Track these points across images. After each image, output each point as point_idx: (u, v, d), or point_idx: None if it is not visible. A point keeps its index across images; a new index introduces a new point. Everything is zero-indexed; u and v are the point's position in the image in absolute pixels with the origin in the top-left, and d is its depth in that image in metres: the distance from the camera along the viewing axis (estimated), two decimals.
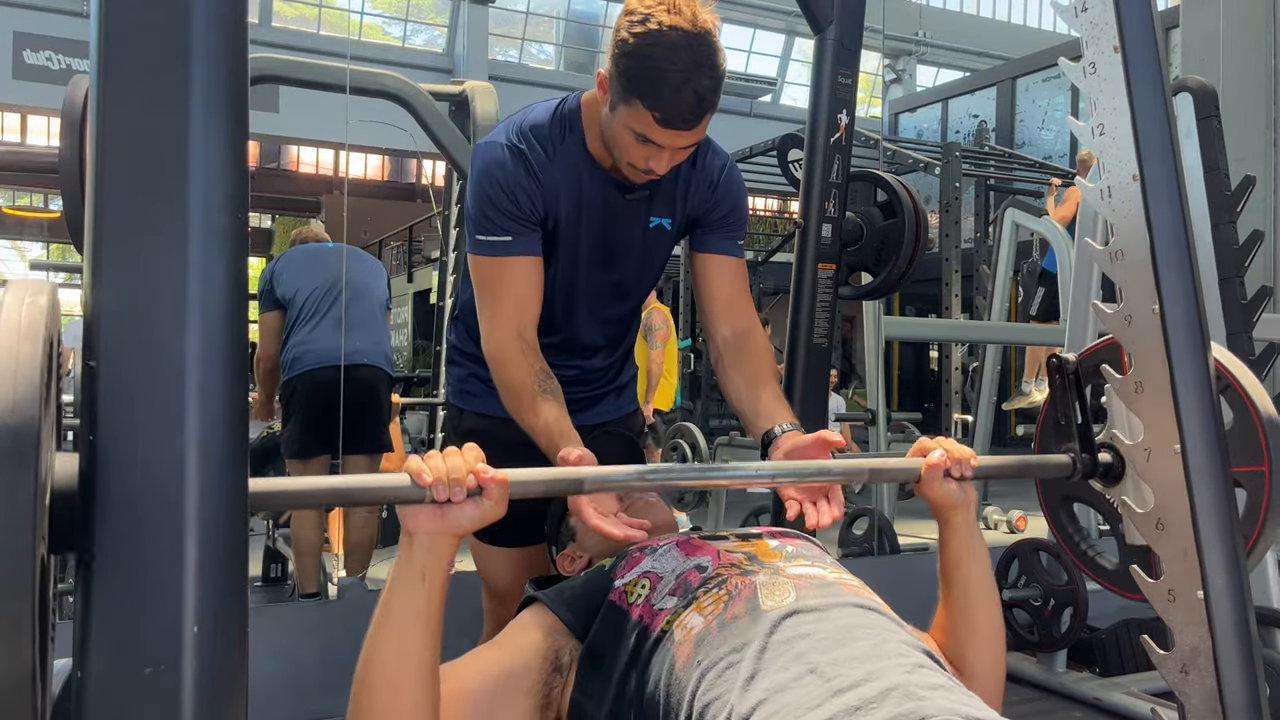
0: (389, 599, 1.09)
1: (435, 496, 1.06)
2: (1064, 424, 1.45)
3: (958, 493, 1.33)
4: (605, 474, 1.21)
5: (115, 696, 0.76)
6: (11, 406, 0.73)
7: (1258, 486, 1.37)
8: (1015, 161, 9.32)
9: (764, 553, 1.26)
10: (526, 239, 1.59)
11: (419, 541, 1.09)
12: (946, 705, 0.98)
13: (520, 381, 1.55)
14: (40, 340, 0.78)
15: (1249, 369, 1.44)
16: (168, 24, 0.81)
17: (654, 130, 1.44)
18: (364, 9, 14.32)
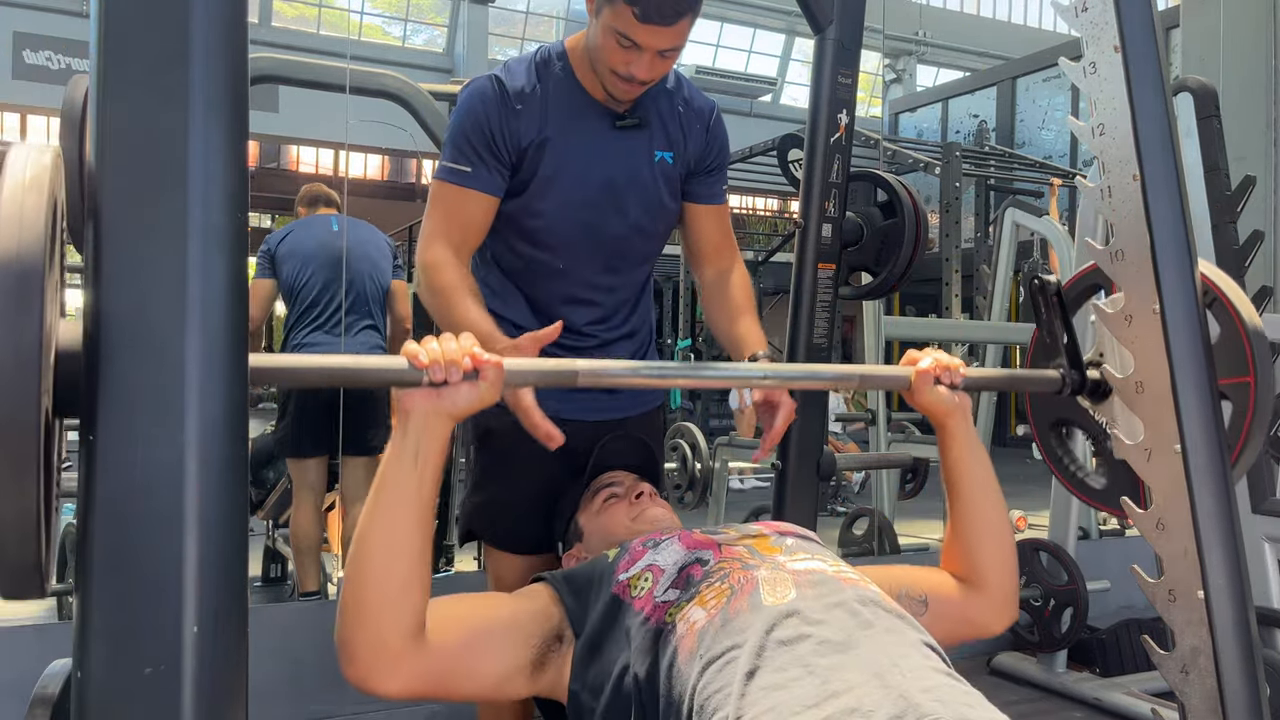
0: (382, 480, 1.11)
1: (432, 378, 1.08)
2: (1051, 343, 1.47)
3: (950, 398, 1.37)
4: (600, 366, 1.23)
5: (115, 696, 0.76)
6: (17, 253, 0.74)
7: (1243, 397, 1.39)
8: (1015, 161, 9.32)
9: (765, 547, 1.27)
10: (487, 176, 1.62)
11: (414, 421, 1.11)
12: (944, 697, 0.98)
13: (451, 281, 1.59)
14: (45, 193, 0.79)
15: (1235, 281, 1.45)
16: (168, 24, 0.81)
17: (634, 28, 1.48)
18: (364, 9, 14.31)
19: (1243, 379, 1.39)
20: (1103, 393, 1.43)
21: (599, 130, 1.65)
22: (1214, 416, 1.28)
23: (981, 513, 1.40)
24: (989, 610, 1.39)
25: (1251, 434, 1.39)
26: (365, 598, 1.09)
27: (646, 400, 1.87)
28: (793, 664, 1.04)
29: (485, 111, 1.60)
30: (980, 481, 1.41)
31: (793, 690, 1.01)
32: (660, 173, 1.71)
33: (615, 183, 1.67)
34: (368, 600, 1.09)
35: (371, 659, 1.09)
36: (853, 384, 1.41)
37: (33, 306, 0.73)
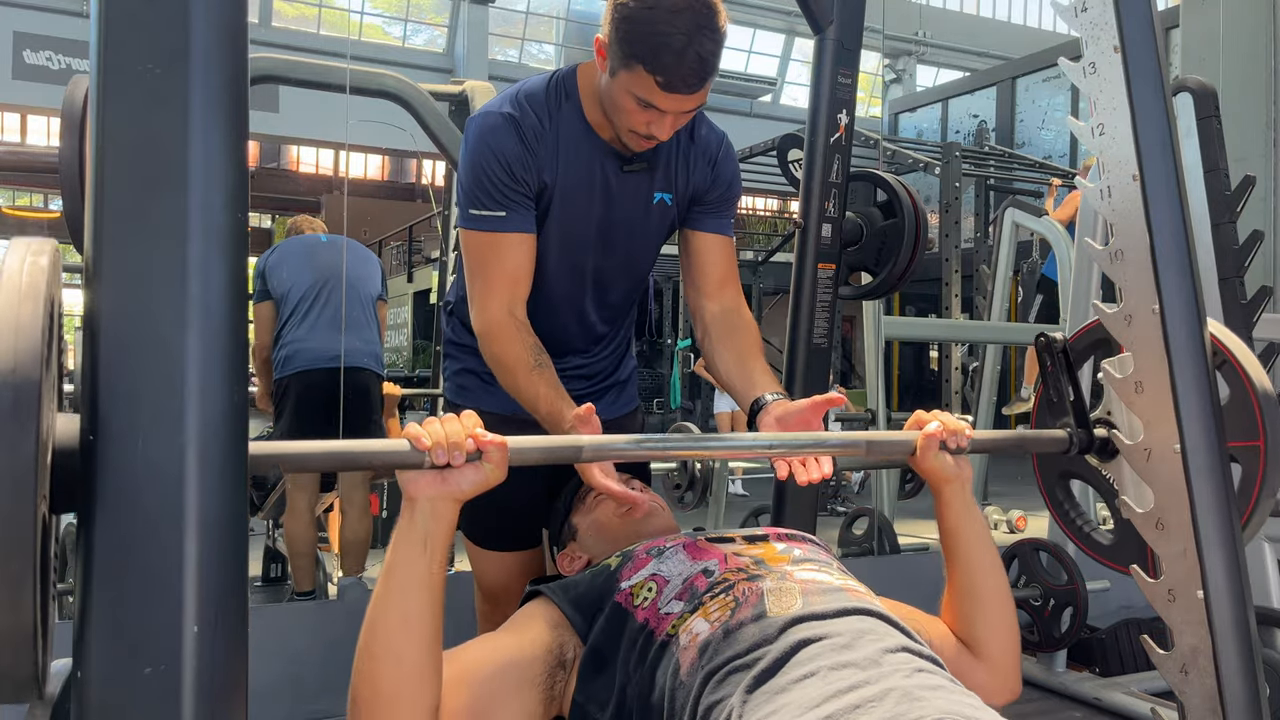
0: (391, 566, 1.09)
1: (435, 460, 1.06)
2: (1057, 401, 1.46)
3: (952, 466, 1.34)
4: (603, 442, 1.22)
5: (115, 696, 0.76)
6: (13, 365, 0.74)
7: (1253, 461, 1.39)
8: (1015, 161, 9.33)
9: (771, 556, 1.26)
10: (521, 215, 1.57)
11: (420, 507, 1.09)
12: (946, 705, 0.98)
13: (514, 355, 1.54)
14: (41, 300, 0.78)
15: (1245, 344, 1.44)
16: (168, 24, 0.81)
17: (656, 95, 1.43)
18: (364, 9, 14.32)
19: (1253, 443, 1.38)
20: (1110, 451, 1.41)
21: (606, 174, 1.62)
22: (1213, 417, 1.27)
23: (980, 583, 1.36)
24: (989, 682, 1.32)
25: (1262, 498, 1.37)
26: (379, 688, 1.07)
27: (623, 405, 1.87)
28: (797, 667, 1.04)
29: (504, 150, 1.54)
30: (977, 554, 1.36)
31: (794, 694, 1.01)
32: (656, 214, 1.68)
33: (613, 224, 1.65)
34: (381, 691, 1.07)
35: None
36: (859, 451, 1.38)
37: (30, 418, 0.73)
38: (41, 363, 0.75)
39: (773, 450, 1.35)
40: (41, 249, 0.83)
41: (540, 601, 1.30)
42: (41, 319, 0.77)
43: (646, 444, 1.25)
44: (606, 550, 1.46)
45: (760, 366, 1.62)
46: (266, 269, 3.69)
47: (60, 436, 0.80)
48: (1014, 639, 1.37)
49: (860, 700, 0.98)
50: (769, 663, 1.05)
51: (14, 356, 0.74)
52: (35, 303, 0.78)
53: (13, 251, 0.82)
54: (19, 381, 0.73)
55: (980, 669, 1.33)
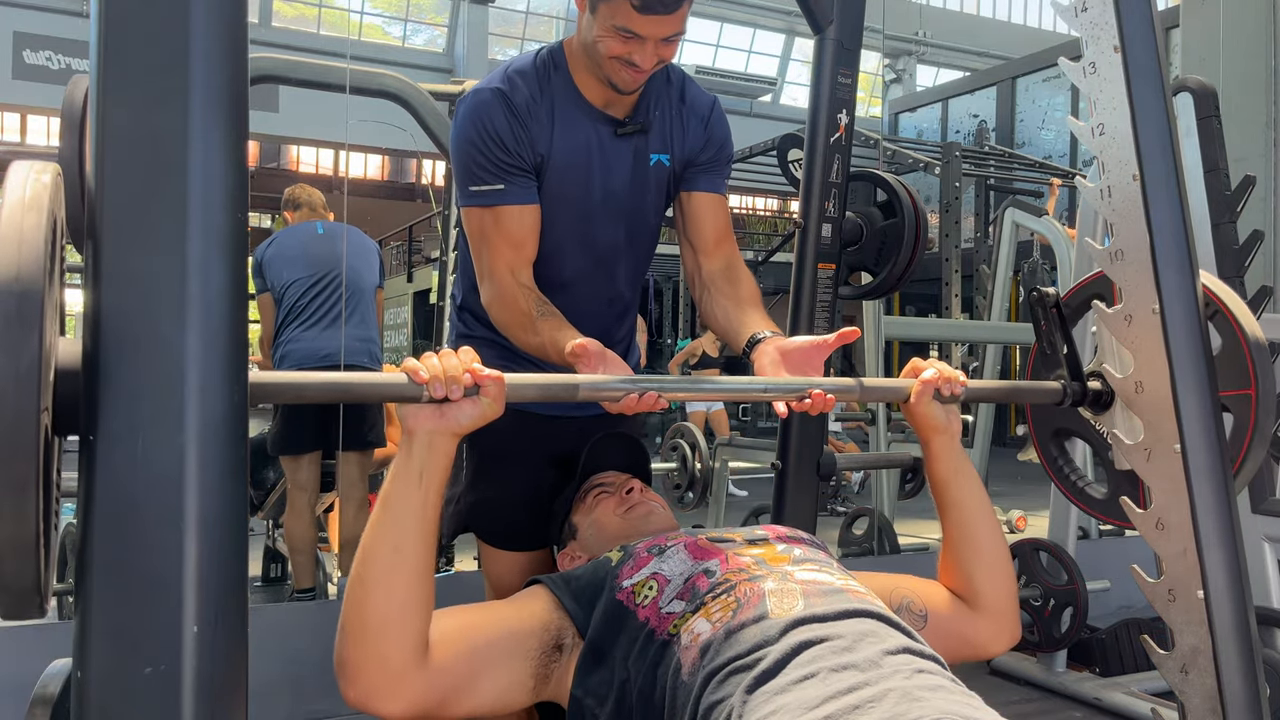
0: (387, 497, 1.11)
1: (432, 393, 1.07)
2: (1051, 354, 1.47)
3: (943, 416, 1.38)
4: (599, 380, 1.23)
5: (115, 696, 0.76)
6: (17, 273, 0.74)
7: (1244, 410, 1.40)
8: (1015, 161, 9.33)
9: (772, 556, 1.26)
10: (520, 186, 1.57)
11: (418, 440, 1.11)
12: (945, 706, 0.98)
13: (519, 310, 1.54)
14: (45, 212, 0.79)
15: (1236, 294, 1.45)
16: (168, 24, 0.81)
17: (634, 19, 1.45)
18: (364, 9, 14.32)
19: (1244, 391, 1.40)
20: (1103, 403, 1.43)
21: (601, 140, 1.62)
22: (1213, 416, 1.28)
23: (973, 533, 1.38)
24: (987, 630, 1.37)
25: (1253, 445, 1.39)
26: (368, 617, 1.08)
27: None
28: (797, 668, 1.04)
29: (495, 125, 1.54)
30: (969, 503, 1.38)
31: (793, 694, 1.01)
32: (654, 176, 1.69)
33: (615, 192, 1.65)
34: (370, 619, 1.08)
35: (373, 679, 1.08)
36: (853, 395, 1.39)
37: (32, 326, 0.73)
38: (45, 274, 0.76)
39: (767, 393, 1.36)
40: (44, 168, 0.84)
41: (540, 587, 1.30)
42: (45, 230, 0.78)
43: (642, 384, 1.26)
44: (605, 544, 1.46)
45: (759, 313, 1.61)
46: (263, 262, 3.68)
47: (63, 357, 0.80)
48: (1011, 585, 1.39)
49: (860, 701, 0.98)
50: (769, 664, 1.05)
51: (18, 265, 0.74)
52: (39, 214, 0.78)
53: (16, 169, 0.83)
54: (23, 289, 0.74)
55: (981, 620, 1.36)
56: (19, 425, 0.72)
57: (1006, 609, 1.38)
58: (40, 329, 0.74)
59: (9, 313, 0.73)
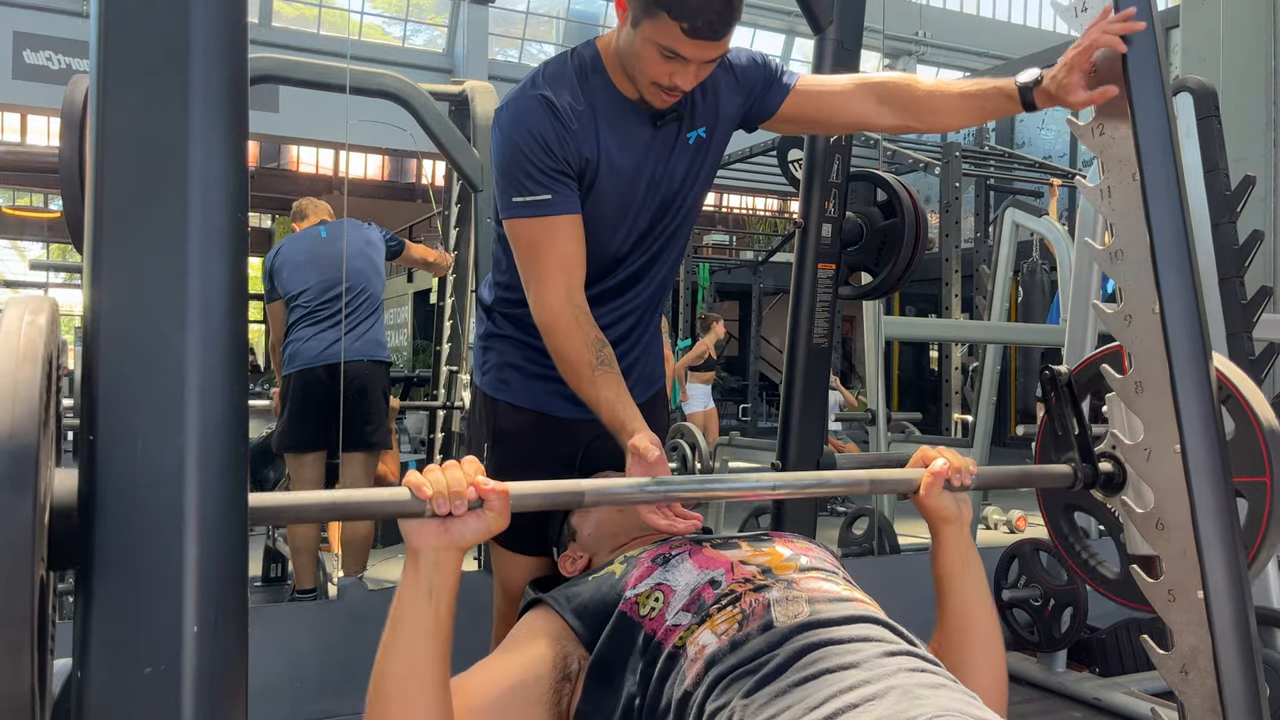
0: (397, 616, 1.09)
1: (436, 510, 1.06)
2: (1062, 435, 1.45)
3: (953, 506, 1.32)
4: (605, 487, 1.23)
5: (115, 696, 0.76)
6: (10, 431, 0.73)
7: (1259, 497, 1.37)
8: (1015, 161, 9.32)
9: (778, 564, 1.25)
10: (566, 196, 1.52)
11: (424, 557, 1.09)
12: (946, 703, 0.98)
13: (576, 352, 1.50)
14: (39, 361, 0.78)
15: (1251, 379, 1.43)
16: (168, 24, 0.81)
17: (681, 43, 1.41)
18: (364, 9, 14.31)
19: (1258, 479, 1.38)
20: (1115, 485, 1.41)
21: (643, 135, 1.59)
22: (1213, 416, 1.27)
23: (970, 631, 1.32)
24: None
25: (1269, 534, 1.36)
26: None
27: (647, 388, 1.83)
28: (798, 674, 1.04)
29: (542, 132, 1.50)
30: (971, 599, 1.33)
31: (795, 694, 1.01)
32: (694, 154, 1.65)
33: (658, 183, 1.63)
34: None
35: None
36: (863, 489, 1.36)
37: (26, 486, 0.73)
38: (39, 426, 0.75)
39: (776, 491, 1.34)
40: (40, 307, 0.83)
41: (542, 612, 1.29)
42: (39, 381, 0.77)
43: (649, 488, 1.25)
44: (607, 547, 1.46)
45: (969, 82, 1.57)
46: (273, 270, 3.76)
47: (58, 494, 0.80)
48: (1003, 676, 1.34)
49: (860, 699, 0.98)
50: (772, 667, 1.05)
51: (11, 422, 0.73)
52: (33, 365, 0.77)
53: (10, 311, 0.81)
54: (16, 447, 0.73)
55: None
56: (14, 588, 0.71)
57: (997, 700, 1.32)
58: (34, 487, 0.73)
59: (3, 473, 0.72)
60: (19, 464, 0.73)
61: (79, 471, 0.79)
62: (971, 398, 5.87)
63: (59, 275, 15.08)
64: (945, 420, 6.17)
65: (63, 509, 0.79)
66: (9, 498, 0.72)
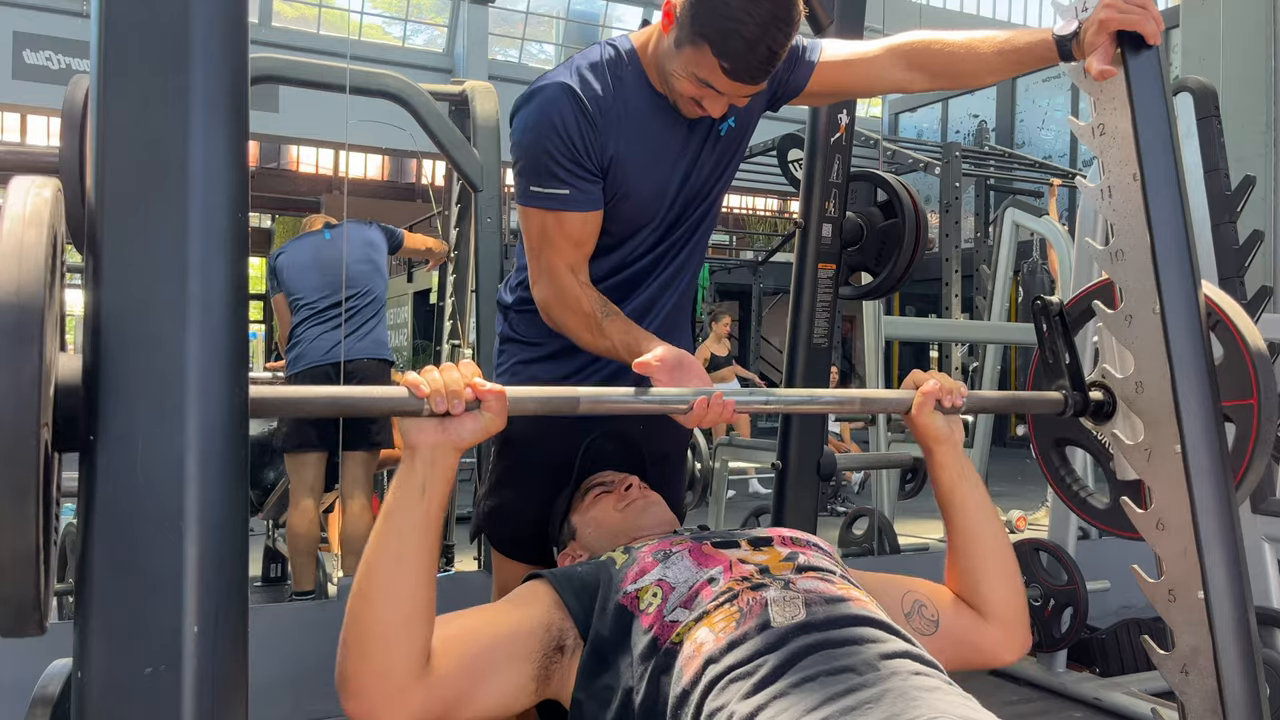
0: (389, 511, 1.11)
1: (433, 408, 1.08)
2: (1053, 363, 1.47)
3: (944, 426, 1.37)
4: (600, 394, 1.23)
5: (115, 696, 0.76)
6: (17, 288, 0.74)
7: (1246, 419, 1.39)
8: (1015, 161, 9.33)
9: (776, 564, 1.26)
10: (584, 192, 1.51)
11: (420, 455, 1.10)
12: (942, 706, 0.98)
13: (582, 312, 1.50)
14: (45, 227, 0.79)
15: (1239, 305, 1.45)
16: (168, 24, 0.81)
17: (718, 78, 1.40)
18: (364, 9, 14.31)
19: (1246, 401, 1.39)
20: (1105, 413, 1.42)
21: (677, 132, 1.58)
22: (1214, 416, 1.27)
23: (979, 538, 1.36)
24: (996, 637, 1.34)
25: (1255, 455, 1.38)
26: (369, 630, 1.08)
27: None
28: (797, 672, 1.05)
29: (566, 125, 1.48)
30: (974, 510, 1.37)
31: (792, 698, 1.01)
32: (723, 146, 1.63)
33: (688, 177, 1.62)
34: (372, 633, 1.08)
35: (376, 693, 1.08)
36: (854, 407, 1.39)
37: (32, 343, 0.73)
38: (45, 288, 0.76)
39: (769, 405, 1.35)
40: (45, 183, 0.84)
41: (541, 583, 1.29)
42: (45, 245, 0.78)
43: (644, 397, 1.25)
44: (605, 547, 1.46)
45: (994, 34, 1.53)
46: (277, 268, 3.84)
47: (63, 373, 0.80)
48: (1019, 593, 1.38)
49: (857, 703, 0.98)
50: (769, 670, 1.06)
51: (18, 279, 0.74)
52: (39, 229, 0.78)
53: (16, 184, 0.83)
54: (23, 303, 0.74)
55: (990, 628, 1.35)
56: (18, 441, 0.72)
57: (1015, 617, 1.36)
58: (40, 345, 0.74)
59: (8, 328, 0.73)
60: (25, 319, 0.74)
61: (79, 473, 0.79)
62: None
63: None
64: None
65: (67, 385, 0.80)
66: (16, 351, 0.73)
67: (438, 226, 4.97)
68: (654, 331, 1.69)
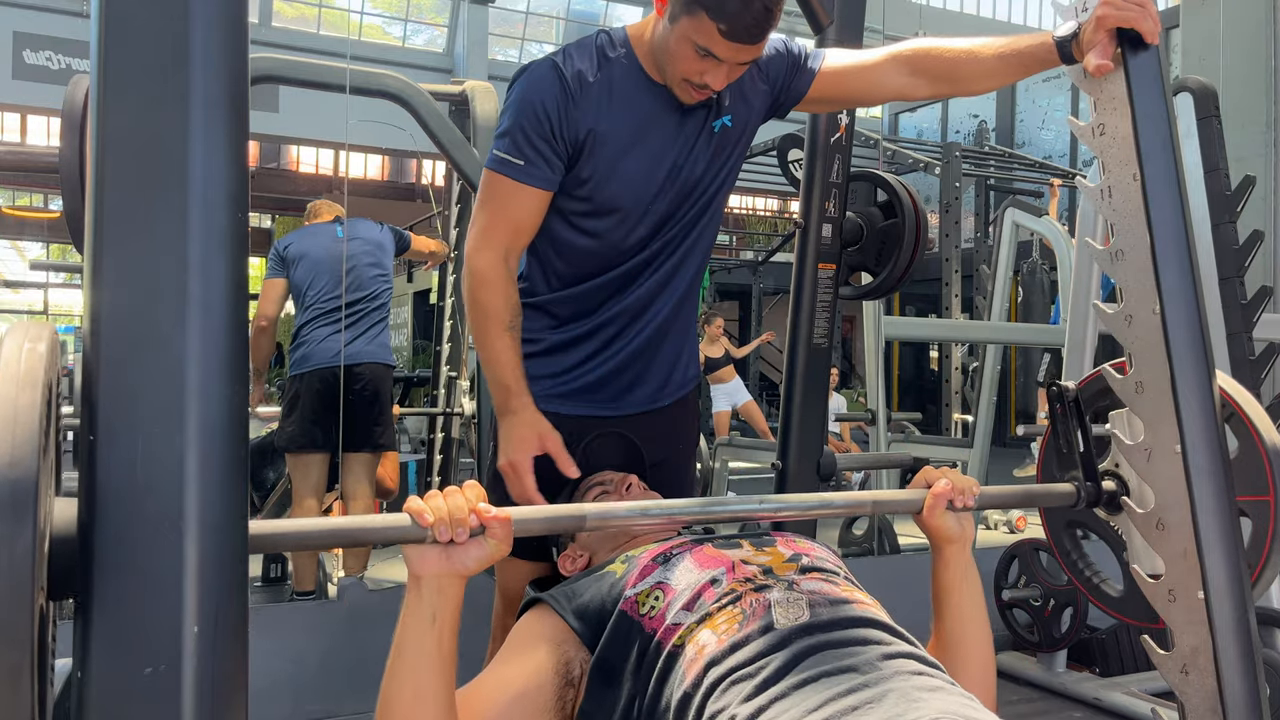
0: (401, 642, 1.10)
1: (438, 537, 1.06)
2: (1066, 452, 1.44)
3: (956, 526, 1.33)
4: (609, 510, 1.22)
5: (115, 696, 0.76)
6: (10, 460, 0.73)
7: (1263, 515, 1.37)
8: (1015, 161, 9.33)
9: (778, 564, 1.25)
10: (541, 171, 1.55)
11: (427, 584, 1.09)
12: (944, 705, 0.98)
13: (496, 307, 1.57)
14: (39, 387, 0.78)
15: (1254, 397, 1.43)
16: (168, 24, 0.81)
17: (717, 43, 1.42)
18: (364, 9, 14.31)
19: (1262, 497, 1.37)
20: (1117, 505, 1.41)
21: (667, 120, 1.59)
22: (1214, 415, 1.27)
23: (966, 641, 1.34)
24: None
25: (1272, 553, 1.36)
26: None
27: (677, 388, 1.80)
28: (797, 677, 1.04)
29: (543, 101, 1.53)
30: (968, 618, 1.34)
31: (794, 698, 1.01)
32: (719, 141, 1.65)
33: (681, 168, 1.62)
34: None
35: None
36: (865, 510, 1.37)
37: (26, 514, 0.72)
38: (39, 453, 0.75)
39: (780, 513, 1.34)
40: (39, 335, 0.83)
41: (542, 613, 1.28)
42: (39, 406, 0.76)
43: (651, 510, 1.24)
44: (608, 546, 1.46)
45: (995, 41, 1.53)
46: (286, 255, 3.72)
47: (58, 523, 0.79)
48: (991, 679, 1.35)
49: (859, 702, 0.98)
50: (771, 671, 1.06)
51: (11, 449, 0.73)
52: (33, 391, 0.77)
53: (10, 338, 0.81)
54: (17, 475, 0.72)
55: None
56: (14, 616, 0.71)
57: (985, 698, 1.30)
58: (34, 515, 0.73)
59: (3, 500, 0.72)
60: (19, 492, 0.72)
61: (79, 471, 0.79)
62: (971, 398, 5.87)
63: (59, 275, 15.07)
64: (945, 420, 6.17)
65: (62, 537, 0.79)
66: (9, 526, 0.72)
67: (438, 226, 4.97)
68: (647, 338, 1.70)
